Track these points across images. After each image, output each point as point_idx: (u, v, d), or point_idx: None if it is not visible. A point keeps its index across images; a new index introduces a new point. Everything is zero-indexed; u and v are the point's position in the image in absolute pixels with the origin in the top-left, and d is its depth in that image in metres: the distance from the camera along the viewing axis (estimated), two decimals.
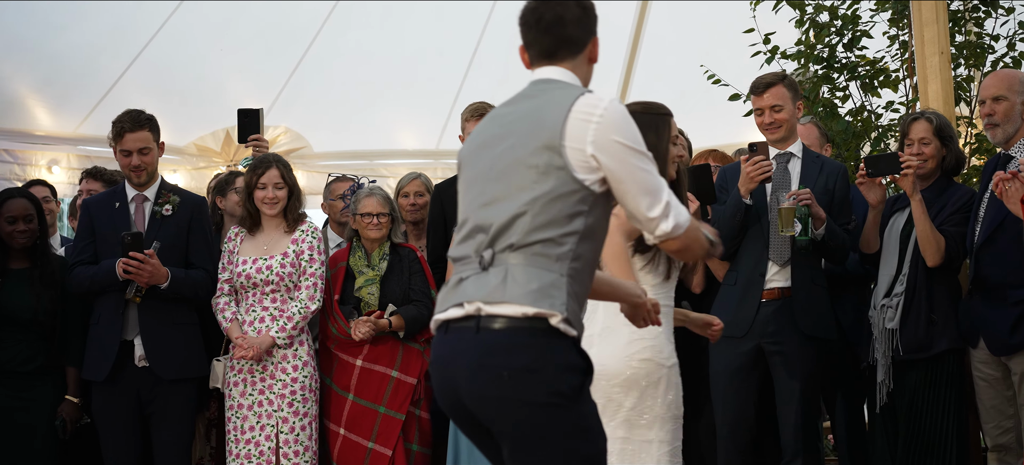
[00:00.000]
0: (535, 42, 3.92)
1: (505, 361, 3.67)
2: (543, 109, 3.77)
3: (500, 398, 3.68)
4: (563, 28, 3.86)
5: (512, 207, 3.72)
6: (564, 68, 3.88)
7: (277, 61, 10.92)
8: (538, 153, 3.72)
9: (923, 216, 6.04)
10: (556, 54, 3.88)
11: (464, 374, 3.73)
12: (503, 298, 3.67)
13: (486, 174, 3.82)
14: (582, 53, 3.91)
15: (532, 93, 3.87)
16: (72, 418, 6.71)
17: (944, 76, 6.88)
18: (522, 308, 3.65)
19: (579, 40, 3.89)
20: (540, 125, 3.74)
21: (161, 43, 10.26)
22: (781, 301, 6.23)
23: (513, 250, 3.71)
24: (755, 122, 6.50)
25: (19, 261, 6.72)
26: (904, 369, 6.19)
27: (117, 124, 6.65)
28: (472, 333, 3.71)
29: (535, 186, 3.70)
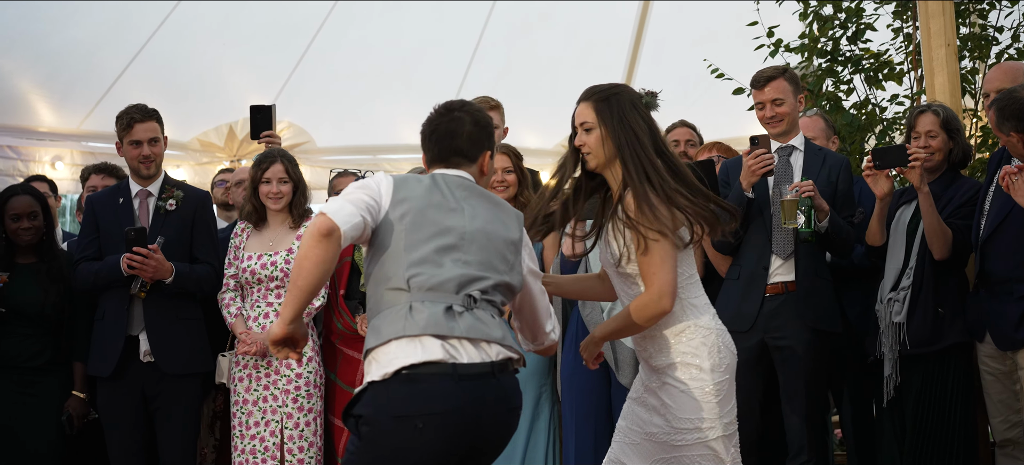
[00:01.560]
0: (428, 150, 4.46)
1: (519, 401, 4.28)
2: (502, 214, 4.39)
3: (510, 433, 4.28)
4: (453, 140, 4.40)
5: (496, 277, 4.26)
6: (465, 172, 4.42)
7: (280, 56, 10.93)
8: (509, 250, 4.33)
9: (931, 209, 6.02)
10: (449, 162, 4.41)
11: (495, 422, 4.17)
12: (509, 342, 4.20)
13: (457, 231, 4.24)
14: (474, 164, 4.44)
15: (471, 187, 4.38)
16: (79, 414, 6.71)
17: (950, 68, 6.86)
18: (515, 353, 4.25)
19: (469, 153, 4.42)
20: (505, 229, 4.35)
21: (163, 39, 10.26)
22: (785, 295, 6.21)
23: (493, 306, 4.25)
24: (756, 116, 6.49)
25: (26, 256, 6.72)
26: (911, 363, 6.17)
27: (125, 115, 6.67)
28: (493, 379, 4.14)
29: (505, 274, 4.29)
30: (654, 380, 4.66)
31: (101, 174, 7.89)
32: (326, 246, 3.99)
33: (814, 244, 6.21)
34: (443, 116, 4.42)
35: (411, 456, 3.98)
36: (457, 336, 4.05)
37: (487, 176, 4.49)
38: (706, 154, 7.08)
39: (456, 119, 4.40)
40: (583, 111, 4.65)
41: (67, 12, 9.77)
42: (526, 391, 6.49)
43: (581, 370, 6.41)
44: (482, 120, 4.45)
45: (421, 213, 4.20)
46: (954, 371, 6.13)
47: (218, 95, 10.47)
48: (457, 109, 4.43)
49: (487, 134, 4.45)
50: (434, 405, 3.97)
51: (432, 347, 4.02)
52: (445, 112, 4.43)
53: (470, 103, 4.52)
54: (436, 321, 4.04)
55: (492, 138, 4.49)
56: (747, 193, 6.20)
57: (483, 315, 4.14)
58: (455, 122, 4.39)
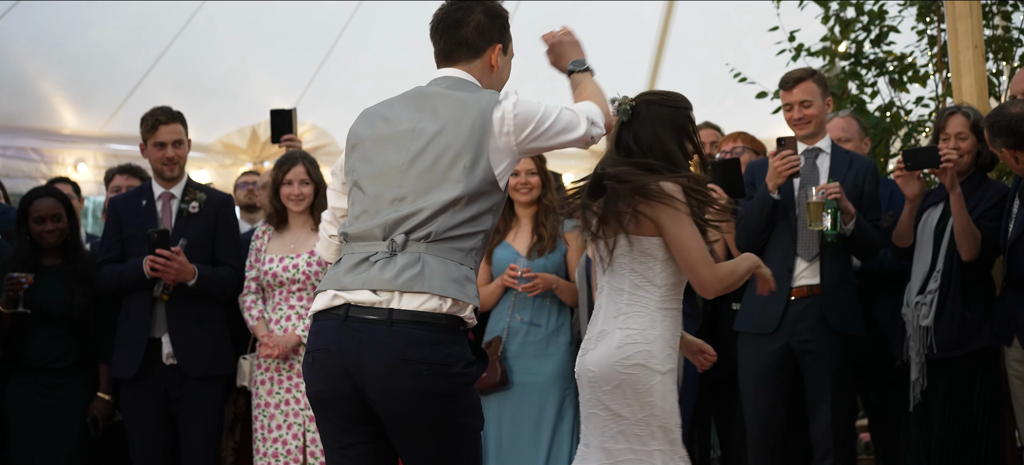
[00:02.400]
0: (434, 43, 4.20)
1: (425, 356, 3.86)
2: (462, 114, 3.99)
3: (416, 392, 3.87)
4: (458, 30, 4.13)
5: (434, 202, 3.92)
6: (461, 70, 4.15)
7: (303, 58, 10.94)
8: (462, 156, 3.94)
9: (962, 210, 5.97)
10: (452, 55, 4.16)
11: (378, 369, 3.89)
12: (421, 287, 3.87)
13: (400, 167, 4.00)
14: (479, 58, 4.16)
15: (442, 93, 4.07)
16: (104, 416, 6.72)
17: (978, 70, 6.82)
18: (439, 299, 3.88)
19: (475, 45, 4.14)
20: (460, 129, 3.97)
21: (186, 41, 10.28)
22: (811, 299, 6.18)
23: (429, 241, 3.91)
24: (784, 117, 6.47)
25: (52, 258, 6.73)
26: (938, 367, 6.13)
27: (150, 117, 6.68)
28: (385, 327, 3.88)
29: (458, 185, 3.93)
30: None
31: (125, 175, 7.90)
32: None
33: (839, 247, 6.18)
34: (452, 5, 4.17)
35: (312, 389, 4.05)
36: (355, 287, 3.93)
37: (498, 72, 4.22)
38: (730, 144, 7.06)
39: (465, 7, 4.14)
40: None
41: (91, 14, 9.80)
42: (549, 396, 6.52)
43: None
44: (494, 9, 4.17)
45: (366, 158, 4.09)
46: (981, 375, 6.09)
47: (241, 97, 10.49)
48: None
49: (500, 25, 4.19)
50: (322, 339, 3.98)
51: (325, 297, 3.99)
52: (455, 1, 4.17)
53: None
54: (337, 277, 4.00)
55: (506, 30, 4.22)
56: (773, 195, 6.18)
57: (404, 259, 3.90)
58: (463, 11, 4.14)
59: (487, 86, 4.16)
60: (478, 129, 3.95)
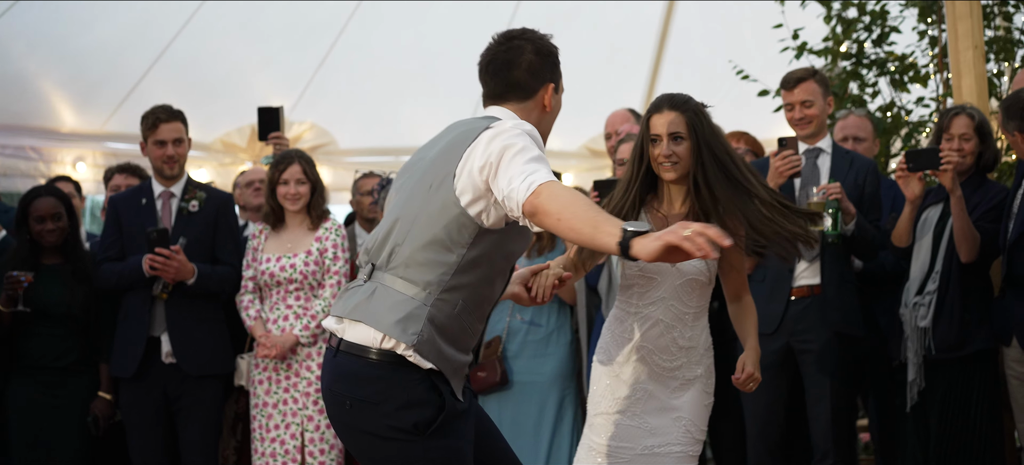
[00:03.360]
0: (484, 84, 4.02)
1: (349, 389, 3.77)
2: (457, 137, 3.83)
3: (343, 424, 3.81)
4: (509, 72, 3.94)
5: (399, 224, 3.80)
6: (508, 109, 3.94)
7: (303, 57, 10.93)
8: (434, 176, 3.79)
9: (962, 213, 5.96)
10: (503, 97, 3.97)
11: (324, 393, 3.88)
12: (361, 317, 3.76)
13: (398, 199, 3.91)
14: (531, 99, 3.97)
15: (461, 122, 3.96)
16: (105, 415, 6.72)
17: (978, 71, 6.81)
18: (375, 333, 3.73)
19: (528, 86, 3.95)
20: (448, 152, 3.80)
21: (186, 39, 10.27)
22: (811, 299, 6.18)
23: (388, 269, 3.78)
24: (785, 117, 6.47)
25: (52, 257, 6.73)
26: (936, 368, 6.13)
27: (151, 115, 6.69)
28: (332, 353, 3.83)
29: (422, 208, 3.77)
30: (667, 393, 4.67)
31: (124, 174, 7.90)
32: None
33: (840, 247, 6.18)
34: (501, 45, 3.99)
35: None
36: (337, 314, 3.87)
37: (551, 112, 4.02)
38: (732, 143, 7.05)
39: (515, 48, 3.96)
40: (674, 121, 4.57)
41: (91, 13, 9.78)
42: (549, 396, 6.52)
43: None
44: (545, 48, 4.00)
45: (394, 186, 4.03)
46: (979, 376, 6.08)
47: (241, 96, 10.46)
48: (517, 37, 3.99)
49: (551, 64, 4.00)
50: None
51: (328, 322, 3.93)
52: (504, 40, 3.99)
53: (533, 30, 4.03)
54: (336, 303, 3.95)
55: (557, 67, 4.04)
56: None
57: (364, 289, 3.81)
58: (513, 51, 3.96)
59: (538, 124, 3.97)
60: (457, 148, 3.79)
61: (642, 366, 4.67)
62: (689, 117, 4.57)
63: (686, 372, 4.68)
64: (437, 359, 3.75)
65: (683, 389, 4.68)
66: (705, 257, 3.22)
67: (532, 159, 3.60)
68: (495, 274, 3.88)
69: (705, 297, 4.69)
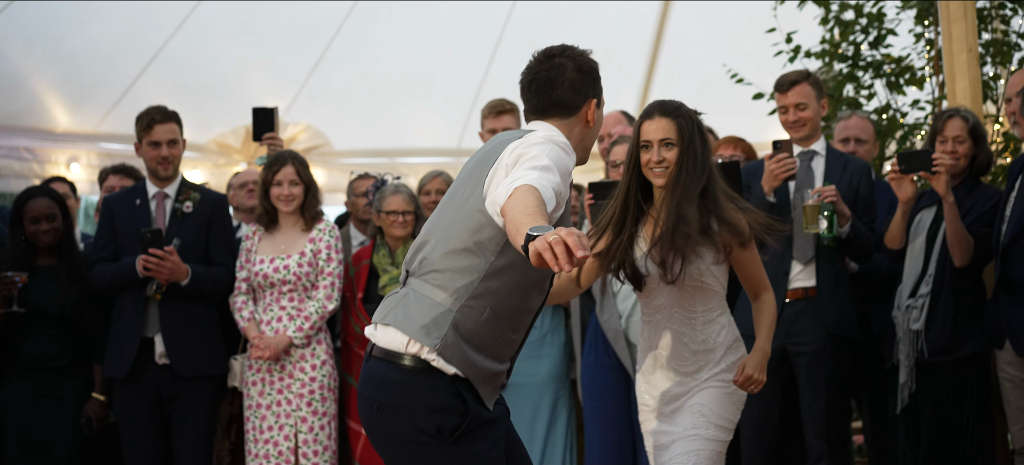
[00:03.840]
0: (526, 101, 4.04)
1: (377, 393, 3.83)
2: (493, 146, 3.89)
3: (372, 428, 3.87)
4: (553, 90, 3.96)
5: (434, 231, 3.87)
6: (552, 124, 3.98)
7: (297, 58, 10.92)
8: (468, 183, 3.86)
9: (955, 218, 5.97)
10: (547, 113, 4.00)
11: (358, 397, 3.93)
12: (392, 322, 3.82)
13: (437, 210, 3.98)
14: (575, 115, 4.00)
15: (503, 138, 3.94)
16: (98, 416, 6.71)
17: (972, 74, 6.82)
18: (402, 337, 3.78)
19: (571, 103, 3.98)
20: (482, 159, 3.87)
21: (181, 40, 10.26)
22: (805, 301, 6.18)
23: (420, 273, 3.84)
24: (779, 120, 6.47)
25: (46, 258, 6.72)
26: (929, 371, 6.13)
27: (145, 116, 6.68)
28: (366, 358, 3.89)
29: (455, 214, 3.84)
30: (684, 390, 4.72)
31: (119, 175, 7.88)
32: None
33: (834, 249, 6.18)
34: (542, 63, 4.00)
35: None
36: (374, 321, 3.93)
37: (594, 126, 4.04)
38: (726, 149, 7.04)
39: (557, 66, 3.98)
40: (666, 126, 4.59)
41: (86, 14, 9.77)
42: (543, 398, 6.52)
43: (600, 375, 6.41)
44: (586, 65, 4.02)
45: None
46: (972, 379, 6.09)
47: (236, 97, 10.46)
48: (557, 54, 4.01)
49: (593, 79, 4.03)
50: None
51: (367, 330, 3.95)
52: (545, 59, 4.01)
53: (573, 47, 4.04)
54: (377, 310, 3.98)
55: (598, 82, 4.06)
56: (768, 197, 6.17)
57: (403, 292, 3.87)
58: (556, 69, 3.97)
59: (580, 140, 4.02)
60: (489, 159, 3.84)
61: (665, 371, 4.74)
62: (680, 123, 4.60)
63: (706, 374, 4.70)
64: (462, 364, 3.78)
65: (702, 389, 4.71)
66: (561, 269, 3.10)
67: (536, 167, 3.61)
68: (527, 285, 3.89)
69: (711, 301, 4.70)
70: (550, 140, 3.80)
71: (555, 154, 3.74)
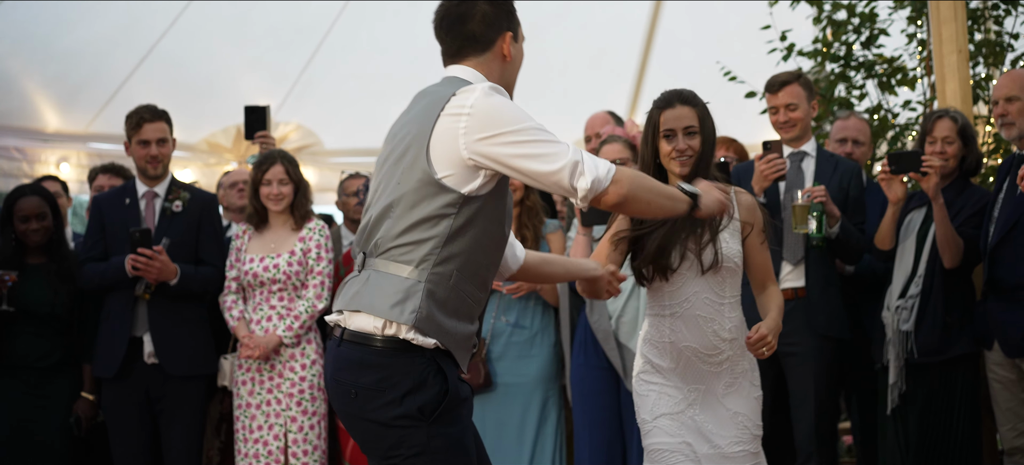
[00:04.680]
0: (441, 42, 3.99)
1: (354, 378, 3.74)
2: (424, 108, 3.80)
3: (348, 414, 3.78)
4: (464, 25, 3.91)
5: (381, 206, 3.77)
6: (469, 67, 3.93)
7: (288, 58, 10.92)
8: (408, 151, 3.75)
9: (944, 219, 5.98)
10: (461, 52, 3.94)
11: (328, 384, 3.85)
12: (359, 305, 3.74)
13: (376, 176, 3.89)
14: (490, 51, 3.93)
15: (430, 93, 3.90)
16: (87, 416, 6.71)
17: (962, 75, 6.82)
18: (374, 320, 3.70)
19: (484, 37, 3.91)
20: (415, 125, 3.79)
21: (172, 40, 10.25)
22: (795, 301, 6.18)
23: (378, 253, 3.75)
24: (769, 120, 6.47)
25: (36, 257, 6.72)
26: (918, 372, 6.13)
27: (135, 115, 6.69)
28: (335, 344, 3.81)
29: (400, 186, 3.73)
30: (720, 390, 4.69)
31: (108, 174, 7.89)
32: None
33: (824, 250, 6.18)
34: (453, 0, 3.95)
35: None
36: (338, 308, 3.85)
37: (512, 61, 3.98)
38: (720, 150, 7.05)
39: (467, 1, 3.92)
40: (688, 115, 4.63)
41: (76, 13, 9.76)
42: (533, 397, 6.51)
43: (590, 375, 6.40)
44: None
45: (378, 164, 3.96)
46: (961, 381, 6.10)
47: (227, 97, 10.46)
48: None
49: (507, 10, 3.95)
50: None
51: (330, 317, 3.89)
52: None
53: None
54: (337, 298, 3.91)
55: (513, 15, 3.98)
56: (759, 198, 6.16)
57: (359, 278, 3.80)
58: (466, 4, 3.91)
59: (500, 78, 3.94)
60: (427, 120, 3.76)
61: (689, 368, 4.69)
62: (700, 111, 4.66)
63: (734, 366, 4.70)
64: (438, 334, 3.72)
65: (733, 387, 4.71)
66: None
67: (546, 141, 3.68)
68: (487, 240, 3.83)
69: (738, 285, 4.72)
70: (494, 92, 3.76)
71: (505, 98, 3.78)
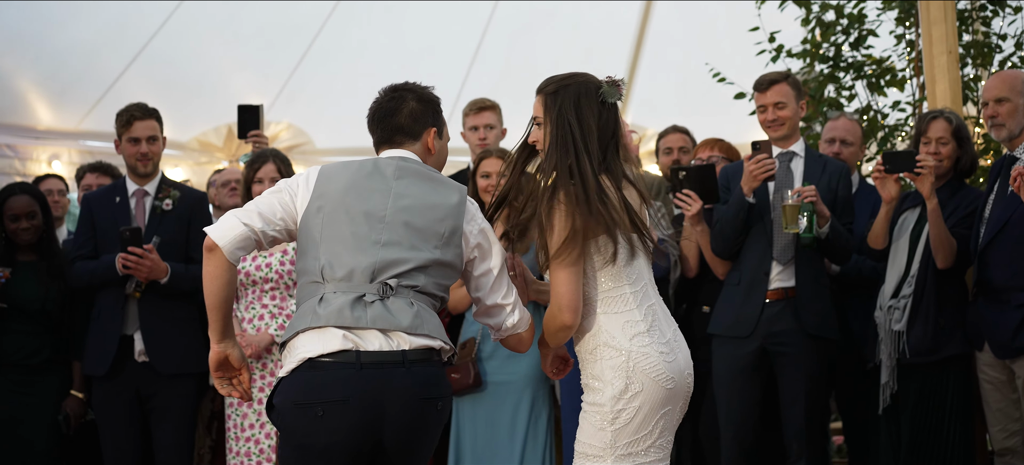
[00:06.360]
0: (372, 133, 4.44)
1: (438, 392, 4.15)
2: (440, 190, 4.28)
3: (430, 425, 4.17)
4: (393, 118, 4.37)
5: (420, 258, 4.16)
6: (408, 151, 4.38)
7: (280, 57, 10.93)
8: (443, 225, 4.22)
9: (938, 220, 5.99)
10: (391, 141, 4.39)
11: (401, 410, 4.05)
12: (424, 330, 4.12)
13: (378, 215, 4.19)
14: (418, 142, 4.39)
15: (405, 166, 4.30)
16: (76, 414, 6.70)
17: (952, 75, 6.84)
18: (437, 342, 4.14)
19: (411, 130, 4.37)
20: (441, 203, 4.25)
21: (163, 39, 10.26)
22: (785, 301, 6.19)
23: (416, 291, 4.16)
24: (758, 119, 6.48)
25: (27, 254, 6.72)
26: (909, 372, 6.15)
27: (125, 113, 6.68)
28: (404, 369, 4.05)
29: (438, 250, 4.20)
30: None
31: (96, 173, 7.89)
32: (212, 261, 4.25)
33: (814, 250, 6.19)
34: (386, 96, 4.39)
35: (316, 443, 4.01)
36: (363, 327, 4.02)
37: (436, 155, 4.42)
38: (706, 152, 7.06)
39: (398, 97, 4.37)
40: (536, 104, 4.32)
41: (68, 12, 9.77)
42: (523, 396, 6.51)
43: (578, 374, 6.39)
44: (426, 97, 4.40)
45: (341, 200, 4.17)
46: (953, 381, 6.11)
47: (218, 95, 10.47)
48: (401, 89, 4.41)
49: (432, 111, 4.41)
50: (334, 392, 3.98)
51: (334, 337, 4.01)
52: (389, 92, 4.40)
53: (417, 84, 4.45)
54: (341, 312, 4.03)
55: (439, 115, 4.44)
56: (748, 198, 6.18)
57: (399, 303, 4.09)
58: (396, 100, 4.37)
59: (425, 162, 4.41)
60: (460, 209, 4.26)
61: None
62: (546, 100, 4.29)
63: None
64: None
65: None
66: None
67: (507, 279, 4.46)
68: None
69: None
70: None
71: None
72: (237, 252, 4.19)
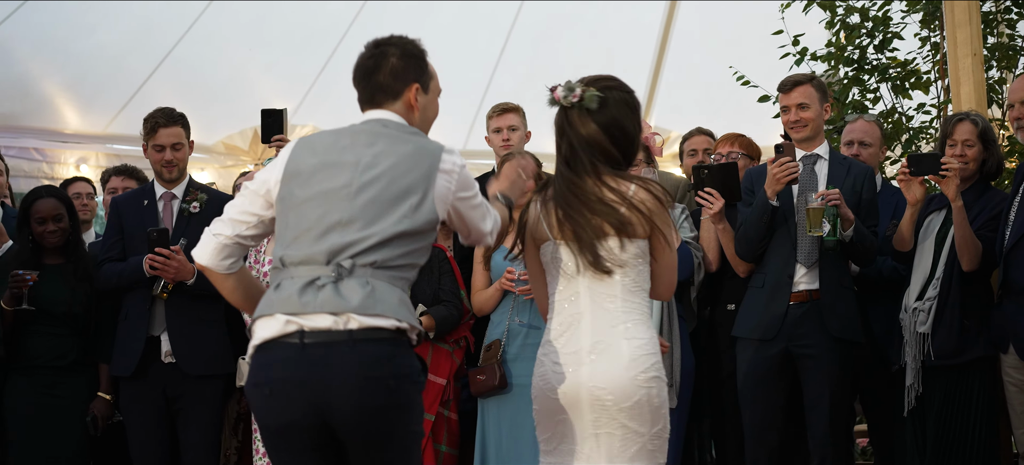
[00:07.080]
0: (357, 90, 4.28)
1: (389, 371, 3.93)
2: (411, 155, 4.09)
3: (383, 407, 3.95)
4: (373, 76, 4.22)
5: (381, 232, 3.99)
6: (388, 111, 4.23)
7: (306, 60, 10.95)
8: (410, 194, 4.04)
9: (964, 222, 5.97)
10: (373, 100, 4.24)
11: (346, 390, 3.91)
12: (376, 310, 3.94)
13: (345, 193, 4.05)
14: (399, 100, 4.23)
15: (382, 132, 4.16)
16: (103, 415, 6.72)
17: (977, 78, 6.83)
18: (390, 321, 3.94)
19: (391, 89, 4.22)
20: (411, 169, 4.07)
21: (190, 42, 10.30)
22: (809, 304, 6.19)
23: (376, 268, 3.99)
24: (781, 121, 6.47)
25: (54, 257, 6.74)
26: (934, 374, 6.13)
27: (150, 120, 6.70)
28: (348, 347, 3.92)
29: (404, 220, 4.02)
30: None
31: (121, 176, 7.94)
32: (211, 278, 4.25)
33: (838, 253, 6.18)
34: (368, 53, 4.25)
35: (272, 422, 4.00)
36: (311, 312, 3.93)
37: (420, 112, 4.27)
38: (726, 147, 7.04)
39: (379, 53, 4.22)
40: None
41: (96, 16, 9.82)
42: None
43: None
44: (410, 50, 4.25)
45: (305, 183, 4.09)
46: (978, 383, 6.09)
47: (243, 99, 10.50)
48: (383, 43, 4.25)
49: (416, 65, 4.25)
50: (278, 371, 3.95)
51: (279, 323, 3.95)
52: (371, 48, 4.26)
53: (402, 37, 4.29)
54: (289, 299, 3.96)
55: (424, 69, 4.28)
56: (772, 201, 6.18)
57: (351, 284, 3.95)
58: (377, 57, 4.22)
59: (411, 125, 4.24)
60: (427, 171, 4.08)
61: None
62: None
63: None
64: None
65: None
66: None
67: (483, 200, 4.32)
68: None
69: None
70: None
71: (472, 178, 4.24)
72: (223, 263, 4.19)
